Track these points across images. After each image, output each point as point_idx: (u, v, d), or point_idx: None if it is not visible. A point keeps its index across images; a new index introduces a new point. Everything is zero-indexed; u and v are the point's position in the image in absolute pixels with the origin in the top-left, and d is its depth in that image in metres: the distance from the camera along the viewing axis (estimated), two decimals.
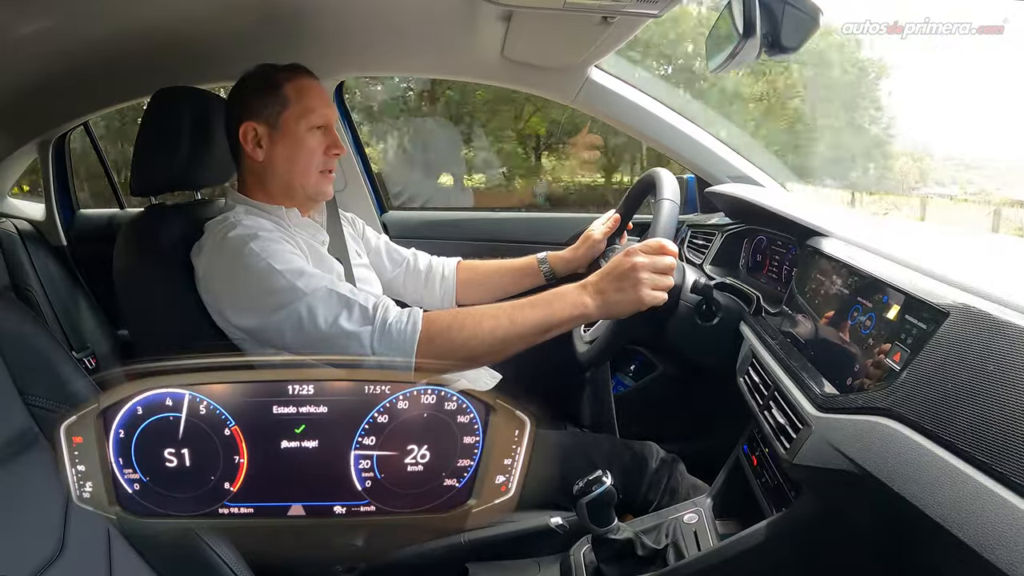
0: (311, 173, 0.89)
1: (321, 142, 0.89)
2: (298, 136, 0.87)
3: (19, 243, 1.52)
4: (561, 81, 1.27)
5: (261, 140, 0.88)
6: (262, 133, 0.88)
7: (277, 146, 0.88)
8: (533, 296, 0.77)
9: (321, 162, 0.90)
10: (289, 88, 0.87)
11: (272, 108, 0.87)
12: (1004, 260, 0.64)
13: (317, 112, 0.88)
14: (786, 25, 0.81)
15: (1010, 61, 4.76)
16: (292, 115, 0.87)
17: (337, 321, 0.74)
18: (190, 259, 0.84)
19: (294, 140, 0.87)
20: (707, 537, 0.79)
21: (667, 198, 0.85)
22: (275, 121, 0.87)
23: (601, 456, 0.93)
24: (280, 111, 0.87)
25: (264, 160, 0.89)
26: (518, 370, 1.13)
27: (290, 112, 0.87)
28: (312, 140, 0.88)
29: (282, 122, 0.87)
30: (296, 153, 0.88)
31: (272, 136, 0.88)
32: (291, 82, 0.88)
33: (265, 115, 0.87)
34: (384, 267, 1.10)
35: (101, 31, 0.99)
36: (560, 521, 0.85)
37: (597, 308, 0.75)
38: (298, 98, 0.87)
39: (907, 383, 0.45)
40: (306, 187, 0.90)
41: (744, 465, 0.82)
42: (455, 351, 0.75)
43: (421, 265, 1.12)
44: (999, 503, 0.36)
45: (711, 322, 0.85)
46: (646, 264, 0.75)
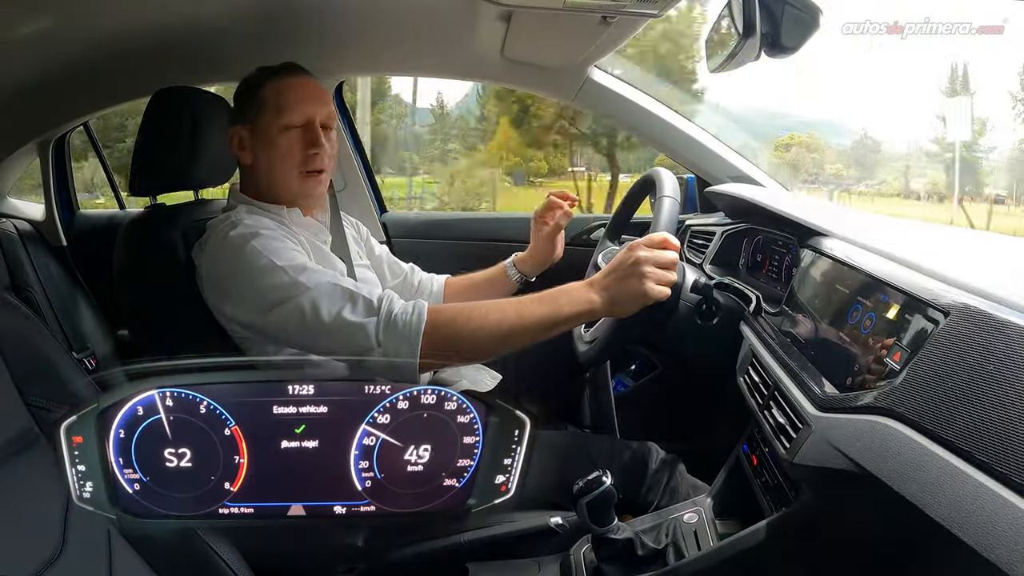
0: (289, 174, 0.88)
1: (298, 141, 0.87)
2: (271, 137, 0.87)
3: (19, 243, 1.52)
4: (561, 81, 1.27)
5: (244, 143, 0.89)
6: (245, 136, 0.89)
7: (257, 149, 0.88)
8: (540, 292, 0.78)
9: (300, 162, 0.88)
10: (268, 89, 0.87)
11: (251, 111, 0.88)
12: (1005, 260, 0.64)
13: (294, 110, 0.86)
14: (786, 25, 0.81)
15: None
16: (267, 117, 0.87)
17: (341, 313, 0.74)
18: (191, 259, 0.85)
19: (268, 142, 0.87)
20: (707, 537, 0.79)
21: (668, 195, 0.85)
22: (254, 124, 0.88)
23: (601, 456, 0.93)
24: (257, 114, 0.87)
25: (251, 163, 0.90)
26: (518, 370, 1.13)
27: (265, 114, 0.87)
28: (287, 140, 0.87)
29: (260, 125, 0.87)
30: (271, 155, 0.87)
31: (252, 139, 0.89)
32: (272, 83, 0.88)
33: (247, 119, 0.88)
34: (384, 276, 1.11)
35: (101, 31, 1.00)
36: (560, 521, 0.85)
37: (603, 304, 0.76)
38: (274, 99, 0.87)
39: (907, 383, 0.45)
40: (288, 189, 0.89)
41: (744, 465, 0.82)
42: (460, 343, 0.75)
43: (414, 280, 1.12)
44: (999, 503, 0.36)
45: (711, 322, 0.85)
46: (649, 258, 0.75)
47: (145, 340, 0.93)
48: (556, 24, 0.96)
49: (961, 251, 0.69)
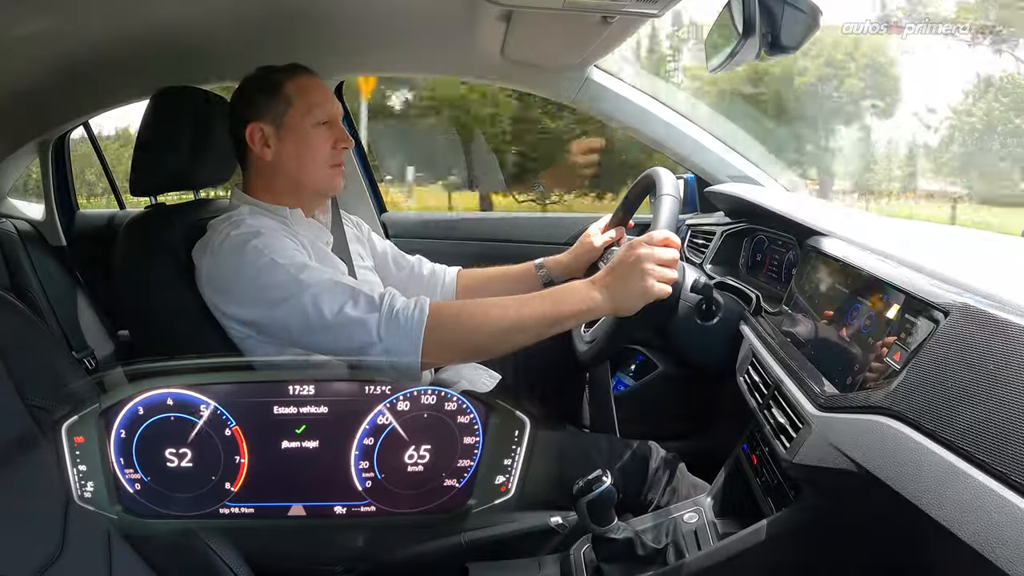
0: (320, 168, 0.90)
1: (328, 137, 0.90)
2: (304, 132, 0.88)
3: (19, 243, 1.51)
4: (561, 81, 1.27)
5: (268, 140, 0.89)
6: (269, 132, 0.89)
7: (285, 144, 0.89)
8: (542, 291, 0.78)
9: (329, 156, 0.91)
10: (291, 87, 0.89)
11: (276, 107, 0.88)
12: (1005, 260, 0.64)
13: (322, 108, 0.89)
14: (785, 24, 0.81)
15: None
16: (297, 113, 0.88)
17: (343, 310, 0.74)
18: (191, 259, 0.84)
19: (301, 137, 0.88)
20: (707, 537, 0.79)
21: (668, 193, 0.85)
22: (281, 120, 0.88)
23: (601, 456, 0.92)
24: (285, 109, 0.88)
25: (273, 159, 0.90)
26: (518, 371, 1.13)
27: (295, 110, 0.88)
28: (319, 136, 0.89)
29: (288, 120, 0.88)
30: (304, 150, 0.89)
31: (279, 135, 0.89)
32: (292, 81, 0.89)
33: (270, 115, 0.88)
34: (389, 270, 1.11)
35: (101, 31, 1.00)
36: (560, 521, 0.85)
37: (605, 302, 0.76)
38: (301, 96, 0.88)
39: (907, 382, 0.45)
40: (316, 182, 0.91)
41: (744, 465, 0.82)
42: (462, 340, 0.75)
43: (424, 271, 1.12)
44: (999, 503, 0.36)
45: (711, 321, 0.85)
46: (650, 256, 0.75)
47: (145, 340, 0.93)
48: (556, 24, 0.96)
49: (961, 251, 0.69)
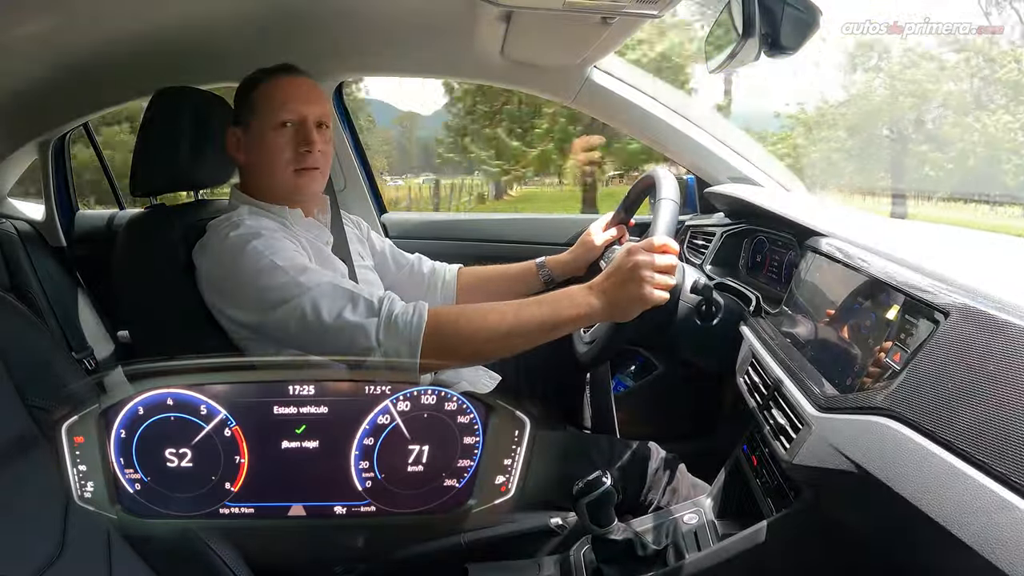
0: (282, 172, 0.88)
1: (290, 139, 0.87)
2: (263, 136, 0.87)
3: (19, 244, 1.52)
4: (561, 81, 1.27)
5: (240, 144, 0.90)
6: (240, 137, 0.90)
7: (251, 149, 0.89)
8: (540, 295, 0.78)
9: (292, 159, 0.88)
10: (260, 90, 0.88)
11: (245, 112, 0.89)
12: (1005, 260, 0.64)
13: (285, 108, 0.87)
14: (785, 25, 0.81)
15: None
16: (258, 116, 0.88)
17: (342, 314, 0.74)
18: (191, 259, 0.84)
19: (260, 141, 0.88)
20: (707, 537, 0.79)
21: (668, 197, 0.85)
22: (247, 124, 0.89)
23: (601, 456, 0.92)
24: (250, 114, 0.88)
25: (245, 163, 0.91)
26: (518, 371, 1.13)
27: (257, 114, 0.88)
28: (278, 138, 0.87)
29: (252, 124, 0.88)
30: (263, 154, 0.88)
31: (246, 139, 0.89)
32: (265, 83, 0.88)
33: (242, 120, 0.89)
34: (389, 269, 1.11)
35: (101, 31, 1.00)
36: (560, 521, 0.85)
37: (602, 308, 0.76)
38: (266, 99, 0.87)
39: (907, 383, 0.45)
40: (279, 186, 0.89)
41: (744, 465, 0.82)
42: (460, 345, 0.75)
43: (424, 269, 1.12)
44: (999, 503, 0.36)
45: (711, 322, 0.85)
46: (648, 262, 0.75)
47: (145, 340, 0.93)
48: (556, 24, 0.96)
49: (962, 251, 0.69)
